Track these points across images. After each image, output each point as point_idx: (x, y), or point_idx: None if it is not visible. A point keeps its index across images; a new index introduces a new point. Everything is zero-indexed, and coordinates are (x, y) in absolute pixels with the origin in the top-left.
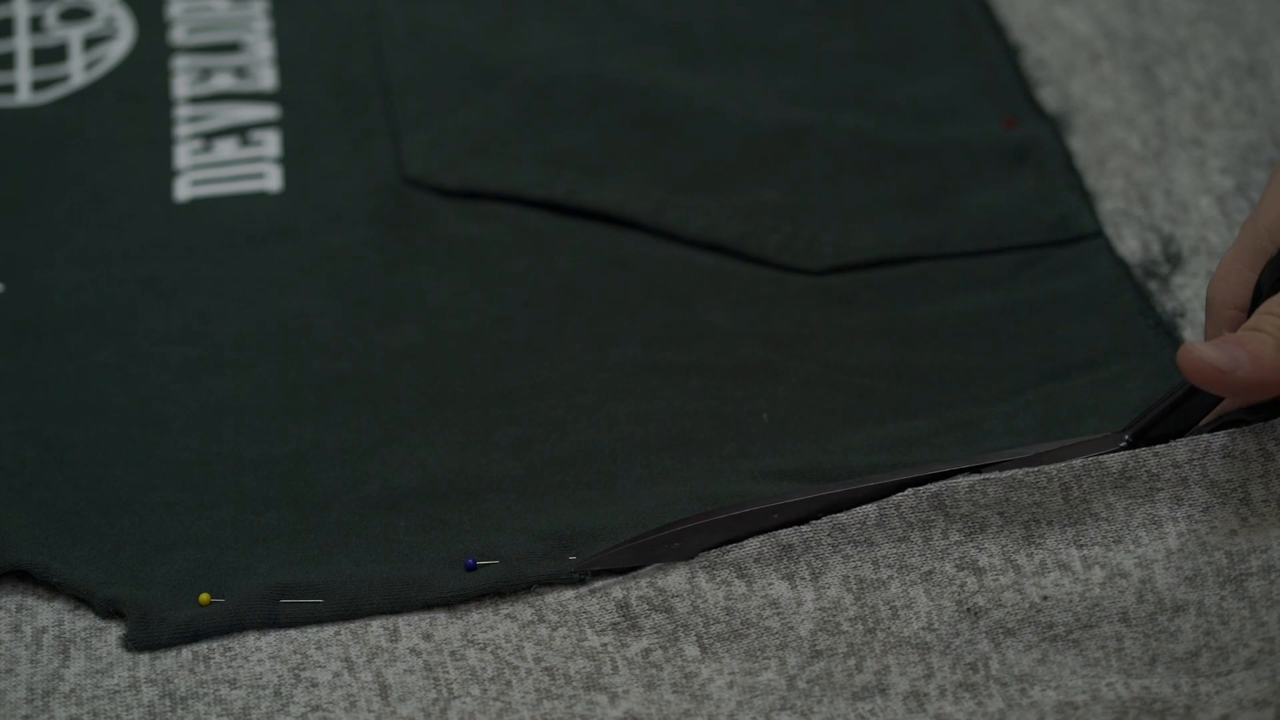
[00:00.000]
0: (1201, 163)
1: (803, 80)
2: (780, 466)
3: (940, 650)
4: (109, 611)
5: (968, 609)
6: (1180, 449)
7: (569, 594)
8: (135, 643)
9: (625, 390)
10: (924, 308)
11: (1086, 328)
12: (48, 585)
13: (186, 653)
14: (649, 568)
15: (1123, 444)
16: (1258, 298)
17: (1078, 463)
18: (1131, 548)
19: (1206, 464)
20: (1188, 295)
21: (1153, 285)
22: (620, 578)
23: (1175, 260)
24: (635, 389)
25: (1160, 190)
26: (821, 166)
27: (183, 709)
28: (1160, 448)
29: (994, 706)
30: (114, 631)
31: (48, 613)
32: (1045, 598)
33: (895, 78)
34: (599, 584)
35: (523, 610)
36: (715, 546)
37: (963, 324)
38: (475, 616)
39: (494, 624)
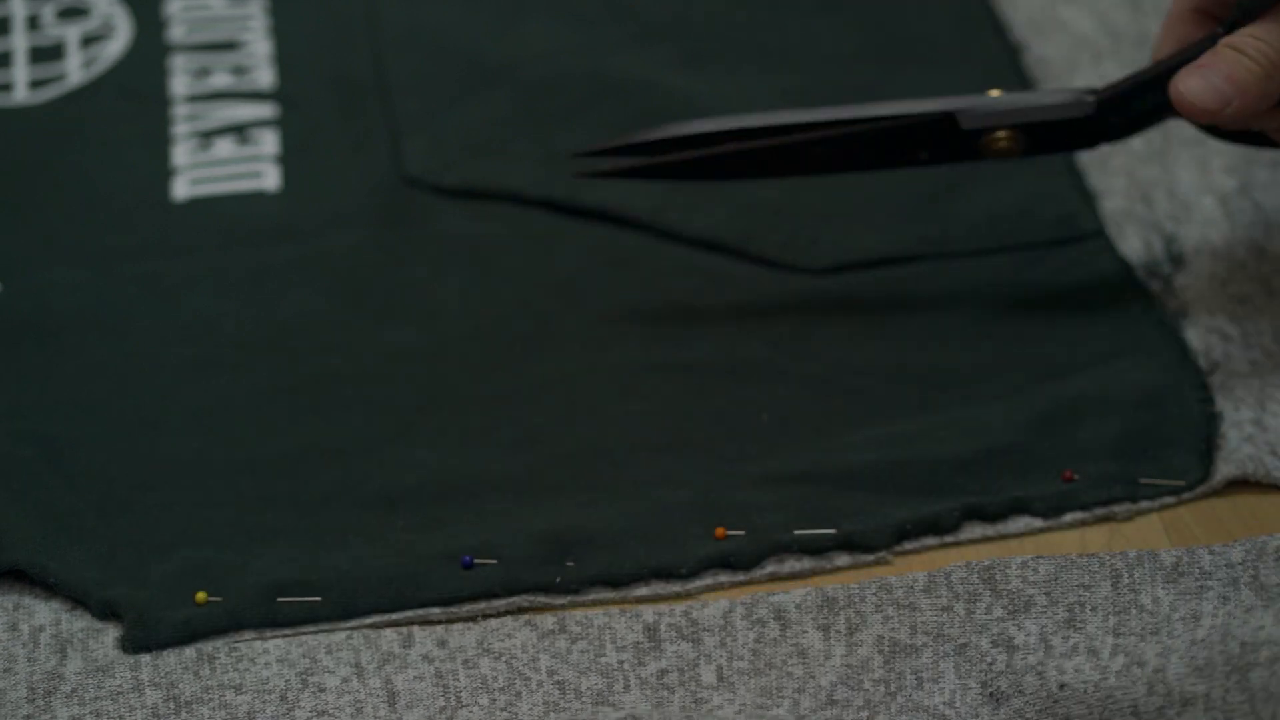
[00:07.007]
0: (1204, 162)
1: (803, 80)
2: (780, 467)
3: None
4: (105, 613)
5: (990, 692)
6: (1236, 549)
7: (597, 610)
8: (132, 643)
9: (625, 390)
10: (924, 308)
11: (1088, 327)
12: (44, 585)
13: (190, 652)
14: (687, 602)
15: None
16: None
17: (1132, 554)
18: (1165, 639)
19: (1260, 566)
20: (1190, 295)
21: (1155, 285)
22: (654, 605)
23: (1177, 260)
24: (635, 389)
25: (1163, 189)
26: None
27: (187, 712)
28: (1217, 546)
29: None
30: (111, 633)
31: (45, 611)
32: (1063, 686)
33: (895, 78)
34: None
35: (545, 620)
36: None
37: (963, 324)
38: (494, 623)
39: (512, 631)
